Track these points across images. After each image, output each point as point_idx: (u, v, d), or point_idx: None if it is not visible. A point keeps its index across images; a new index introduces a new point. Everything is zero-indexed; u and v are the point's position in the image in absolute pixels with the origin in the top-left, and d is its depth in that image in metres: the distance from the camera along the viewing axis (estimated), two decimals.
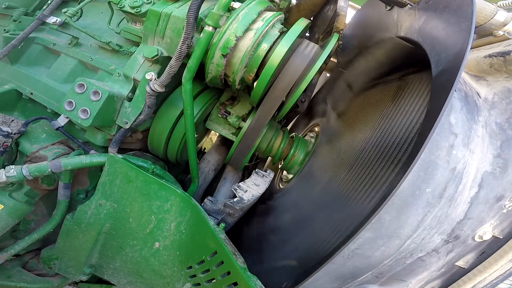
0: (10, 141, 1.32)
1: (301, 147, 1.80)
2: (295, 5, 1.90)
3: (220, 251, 1.17)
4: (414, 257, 0.98)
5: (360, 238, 0.88)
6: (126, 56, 1.56)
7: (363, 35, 1.69)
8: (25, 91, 1.57)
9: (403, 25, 1.25)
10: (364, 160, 1.25)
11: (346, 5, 1.73)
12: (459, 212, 0.93)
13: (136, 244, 1.35)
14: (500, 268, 0.98)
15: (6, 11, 1.77)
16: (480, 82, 1.09)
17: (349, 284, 1.02)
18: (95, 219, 1.35)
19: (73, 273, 1.44)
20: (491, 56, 1.05)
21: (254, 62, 1.35)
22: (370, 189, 1.08)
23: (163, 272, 1.33)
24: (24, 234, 1.47)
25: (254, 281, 1.09)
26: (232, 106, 1.71)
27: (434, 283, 1.06)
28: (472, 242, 0.98)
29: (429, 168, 0.88)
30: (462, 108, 0.95)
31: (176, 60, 1.22)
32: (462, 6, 0.92)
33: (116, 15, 1.58)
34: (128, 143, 1.66)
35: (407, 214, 0.89)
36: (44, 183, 1.40)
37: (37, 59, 1.71)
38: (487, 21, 1.13)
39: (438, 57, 0.94)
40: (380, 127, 1.27)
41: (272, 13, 1.37)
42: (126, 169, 1.30)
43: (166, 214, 1.28)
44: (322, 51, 1.38)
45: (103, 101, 1.28)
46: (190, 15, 1.14)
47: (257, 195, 1.54)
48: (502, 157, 0.93)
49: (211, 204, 1.53)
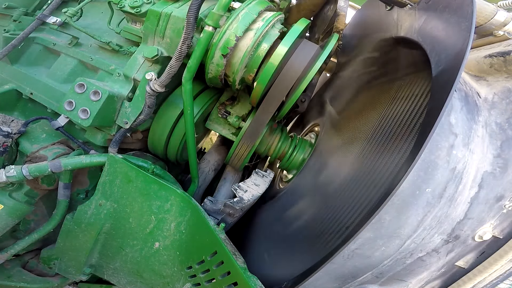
0: (10, 141, 1.32)
1: (301, 147, 1.80)
2: (295, 5, 1.90)
3: (220, 251, 1.17)
4: (414, 257, 0.98)
5: (360, 238, 0.88)
6: (126, 56, 1.56)
7: (363, 35, 1.69)
8: (25, 91, 1.57)
9: (403, 25, 1.25)
10: (364, 160, 1.25)
11: (346, 5, 1.73)
12: (459, 212, 0.93)
13: (136, 244, 1.35)
14: (500, 268, 0.98)
15: (6, 11, 1.77)
16: (480, 82, 1.09)
17: (349, 284, 1.02)
18: (95, 219, 1.35)
19: (73, 273, 1.44)
20: (491, 56, 1.05)
21: (254, 62, 1.35)
22: (370, 189, 1.08)
23: (163, 272, 1.33)
24: (24, 234, 1.47)
25: (254, 281, 1.09)
26: (232, 106, 1.71)
27: (434, 283, 1.06)
28: (472, 242, 0.98)
29: (429, 168, 0.88)
30: (462, 108, 0.96)
31: (176, 60, 1.22)
32: (462, 6, 0.92)
33: (116, 15, 1.58)
34: (128, 143, 1.66)
35: (407, 214, 0.89)
36: (44, 183, 1.40)
37: (37, 59, 1.71)
38: (487, 21, 1.13)
39: (438, 57, 0.94)
40: (380, 127, 1.27)
41: (272, 13, 1.37)
42: (126, 169, 1.30)
43: (166, 214, 1.28)
44: (322, 51, 1.38)
45: (103, 101, 1.28)
46: (190, 15, 1.14)
47: (257, 195, 1.54)
48: (502, 157, 0.93)
49: (211, 204, 1.53)
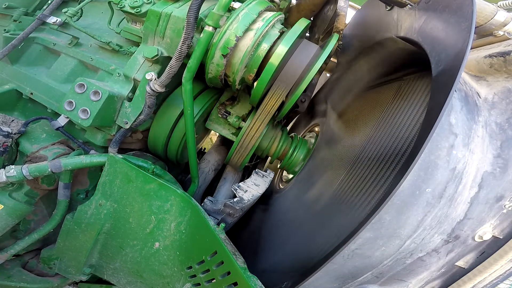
0: (10, 141, 1.32)
1: (301, 147, 1.80)
2: (295, 5, 1.90)
3: (220, 251, 1.17)
4: (414, 257, 0.98)
5: (360, 238, 0.88)
6: (126, 56, 1.56)
7: (363, 35, 1.69)
8: (25, 91, 1.57)
9: (403, 25, 1.25)
10: (364, 160, 1.25)
11: (346, 5, 1.73)
12: (459, 212, 0.93)
13: (136, 244, 1.35)
14: (500, 268, 0.98)
15: (6, 11, 1.77)
16: (480, 82, 1.09)
17: (349, 284, 1.02)
18: (95, 219, 1.35)
19: (73, 273, 1.44)
20: (491, 56, 1.05)
21: (254, 62, 1.35)
22: (370, 189, 1.08)
23: (163, 272, 1.33)
24: (24, 234, 1.47)
25: (254, 281, 1.09)
26: (232, 106, 1.71)
27: (434, 283, 1.06)
28: (472, 242, 0.98)
29: (429, 168, 0.88)
30: (462, 108, 0.96)
31: (176, 60, 1.22)
32: (462, 6, 0.92)
33: (116, 15, 1.58)
34: (128, 143, 1.66)
35: (407, 214, 0.89)
36: (44, 183, 1.40)
37: (37, 59, 1.71)
38: (487, 21, 1.14)
39: (438, 57, 0.94)
40: (380, 127, 1.27)
41: (272, 13, 1.37)
42: (126, 169, 1.30)
43: (166, 214, 1.28)
44: (322, 51, 1.38)
45: (103, 101, 1.28)
46: (190, 15, 1.14)
47: (257, 195, 1.54)
48: (502, 157, 0.93)
49: (211, 204, 1.53)
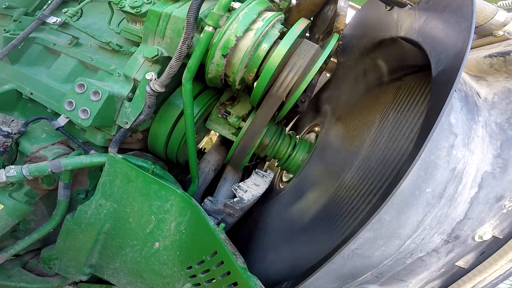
0: (10, 141, 1.32)
1: (300, 147, 1.80)
2: (295, 5, 1.90)
3: (220, 251, 1.17)
4: (414, 257, 0.98)
5: (360, 238, 0.88)
6: (126, 56, 1.56)
7: (363, 35, 1.69)
8: (25, 91, 1.57)
9: (403, 25, 1.25)
10: (364, 160, 1.24)
11: (346, 5, 1.73)
12: (459, 212, 0.93)
13: (136, 244, 1.35)
14: (500, 268, 0.98)
15: (6, 11, 1.77)
16: (480, 82, 1.09)
17: (349, 284, 1.02)
18: (95, 219, 1.35)
19: (73, 273, 1.44)
20: (491, 56, 1.05)
21: (254, 62, 1.35)
22: (368, 191, 1.08)
23: (163, 272, 1.33)
24: (24, 234, 1.47)
25: (254, 281, 1.09)
26: (232, 106, 1.71)
27: (434, 283, 1.06)
28: (472, 242, 0.98)
29: (429, 168, 0.88)
30: (462, 108, 0.95)
31: (176, 60, 1.22)
32: (462, 6, 0.92)
33: (116, 15, 1.58)
34: (128, 143, 1.66)
35: (407, 214, 0.89)
36: (44, 183, 1.40)
37: (37, 59, 1.71)
38: (487, 21, 1.14)
39: (438, 57, 0.93)
40: (380, 127, 1.26)
41: (272, 13, 1.37)
42: (126, 169, 1.30)
43: (166, 214, 1.28)
44: (322, 51, 1.38)
45: (103, 101, 1.28)
46: (190, 15, 1.14)
47: (257, 195, 1.54)
48: (502, 157, 0.93)
49: (211, 204, 1.53)
